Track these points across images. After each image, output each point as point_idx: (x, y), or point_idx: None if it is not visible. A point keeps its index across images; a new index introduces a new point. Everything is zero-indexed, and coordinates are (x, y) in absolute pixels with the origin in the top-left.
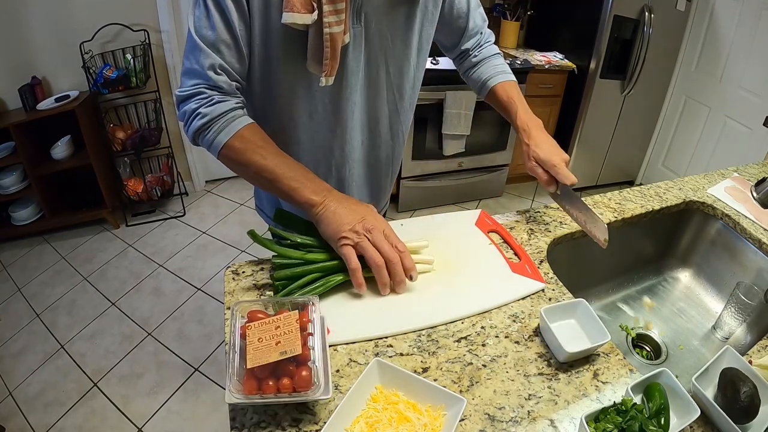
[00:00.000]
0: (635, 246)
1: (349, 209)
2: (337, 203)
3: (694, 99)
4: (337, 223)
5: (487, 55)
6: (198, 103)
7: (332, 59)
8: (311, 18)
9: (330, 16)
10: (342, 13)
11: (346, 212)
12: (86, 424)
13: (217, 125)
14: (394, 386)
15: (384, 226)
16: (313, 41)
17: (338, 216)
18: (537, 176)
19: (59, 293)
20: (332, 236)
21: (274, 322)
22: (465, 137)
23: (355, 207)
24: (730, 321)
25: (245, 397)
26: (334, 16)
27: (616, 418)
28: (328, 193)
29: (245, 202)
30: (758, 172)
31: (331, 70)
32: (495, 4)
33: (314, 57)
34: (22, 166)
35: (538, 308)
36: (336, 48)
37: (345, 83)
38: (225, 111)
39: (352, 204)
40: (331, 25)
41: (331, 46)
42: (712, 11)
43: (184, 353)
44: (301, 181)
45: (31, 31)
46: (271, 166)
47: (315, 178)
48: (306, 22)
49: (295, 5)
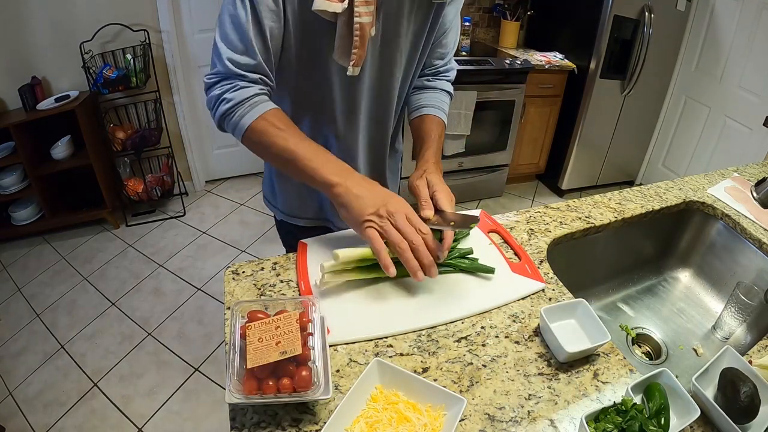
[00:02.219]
0: (635, 246)
1: (371, 192)
2: (357, 185)
3: (694, 99)
4: (360, 206)
5: (438, 87)
6: (221, 89)
7: (361, 48)
8: (342, 6)
9: (361, 6)
10: (372, 5)
11: (368, 195)
12: (86, 424)
13: (241, 109)
14: (394, 386)
15: (406, 209)
16: (341, 30)
17: (360, 199)
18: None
19: (59, 293)
20: (355, 219)
21: (274, 322)
22: (465, 137)
23: (377, 190)
24: (730, 321)
25: (245, 397)
26: (364, 7)
27: (616, 418)
28: (349, 174)
29: (245, 202)
30: (758, 172)
31: (359, 60)
32: (495, 4)
33: (342, 47)
34: (22, 166)
35: (538, 308)
36: (365, 38)
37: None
38: (249, 96)
39: (373, 186)
40: (361, 15)
41: (361, 36)
42: (712, 11)
43: (184, 353)
44: (321, 161)
45: (31, 31)
46: (291, 146)
47: (335, 159)
48: (336, 11)
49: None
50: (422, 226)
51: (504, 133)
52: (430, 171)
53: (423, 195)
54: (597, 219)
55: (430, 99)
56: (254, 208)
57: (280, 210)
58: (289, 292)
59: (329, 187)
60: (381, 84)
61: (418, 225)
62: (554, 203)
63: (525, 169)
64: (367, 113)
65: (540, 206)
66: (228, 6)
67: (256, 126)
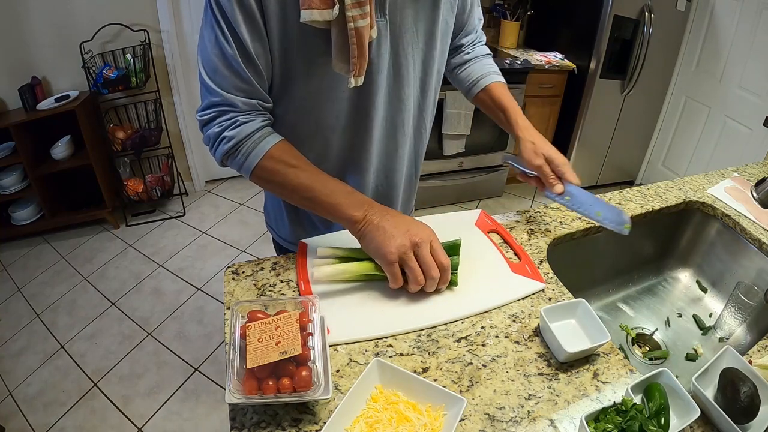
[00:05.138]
0: (635, 246)
1: (393, 224)
2: (380, 217)
3: (694, 99)
4: (383, 241)
5: (479, 54)
6: (220, 127)
7: (360, 57)
8: (332, 13)
9: (353, 10)
10: (366, 5)
11: (390, 227)
12: (86, 424)
13: (244, 147)
14: (394, 386)
15: (431, 237)
16: (337, 39)
17: (382, 232)
18: (544, 175)
19: (59, 293)
20: (377, 254)
21: (274, 322)
22: (465, 137)
23: (398, 220)
24: (730, 321)
25: (245, 397)
26: (357, 9)
27: (616, 418)
28: (369, 207)
29: (245, 202)
30: (758, 172)
31: (360, 69)
32: (495, 4)
33: (340, 56)
34: (22, 166)
35: (538, 308)
36: (363, 44)
37: (371, 82)
38: (251, 132)
39: (394, 217)
40: (355, 19)
41: (358, 43)
42: (712, 11)
43: (184, 353)
44: (340, 197)
45: (31, 31)
46: (307, 183)
47: (353, 191)
48: (326, 18)
49: (313, 1)
50: (443, 258)
51: (504, 133)
52: (538, 141)
53: (548, 173)
54: None
55: (481, 68)
56: (254, 208)
57: (283, 239)
58: (289, 292)
59: (350, 224)
60: (396, 90)
61: (440, 257)
62: (554, 204)
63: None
64: (382, 124)
65: (540, 206)
66: (207, 42)
67: (264, 165)
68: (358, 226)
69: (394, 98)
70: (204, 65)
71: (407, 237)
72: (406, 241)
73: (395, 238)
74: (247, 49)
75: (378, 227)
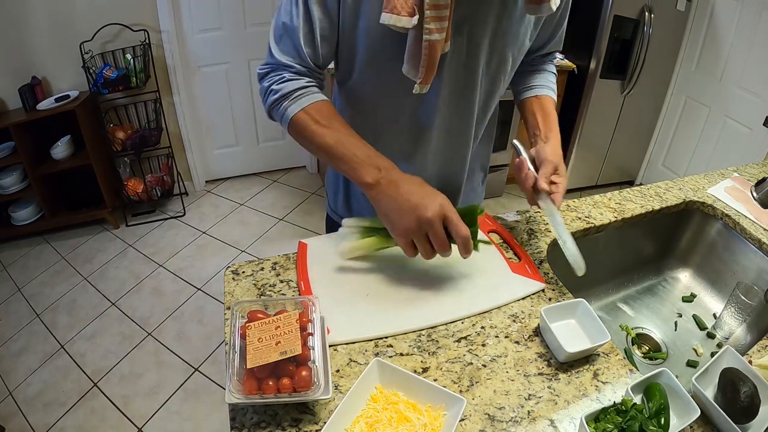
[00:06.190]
0: (635, 246)
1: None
2: (391, 187)
3: (694, 99)
4: (392, 216)
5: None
6: (269, 81)
7: (429, 68)
8: (411, 22)
9: (432, 23)
10: (445, 21)
11: (402, 199)
12: (86, 424)
13: (286, 101)
14: (394, 386)
15: (443, 210)
16: (411, 46)
17: (393, 203)
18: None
19: (59, 293)
20: (388, 227)
21: (274, 322)
22: None
23: (411, 189)
24: (730, 321)
25: (245, 397)
26: (436, 23)
27: (616, 418)
28: (385, 173)
29: (245, 202)
30: (758, 172)
31: (427, 79)
32: None
33: (411, 61)
34: (22, 166)
35: (538, 308)
36: (434, 57)
37: (436, 93)
38: (295, 88)
39: (407, 185)
40: (431, 32)
41: (429, 54)
42: (712, 11)
43: (184, 353)
44: (356, 161)
45: (31, 31)
46: (330, 143)
47: (371, 155)
48: (406, 26)
49: (396, 7)
50: (461, 228)
51: (504, 133)
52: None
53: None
54: (597, 219)
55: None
56: (254, 208)
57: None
58: (289, 292)
59: (365, 189)
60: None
61: (458, 229)
62: None
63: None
64: (443, 131)
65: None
66: (283, 9)
67: (297, 119)
68: (371, 192)
69: (454, 111)
70: (273, 28)
71: (415, 216)
72: (412, 223)
73: (403, 217)
74: (313, 26)
75: (389, 197)
